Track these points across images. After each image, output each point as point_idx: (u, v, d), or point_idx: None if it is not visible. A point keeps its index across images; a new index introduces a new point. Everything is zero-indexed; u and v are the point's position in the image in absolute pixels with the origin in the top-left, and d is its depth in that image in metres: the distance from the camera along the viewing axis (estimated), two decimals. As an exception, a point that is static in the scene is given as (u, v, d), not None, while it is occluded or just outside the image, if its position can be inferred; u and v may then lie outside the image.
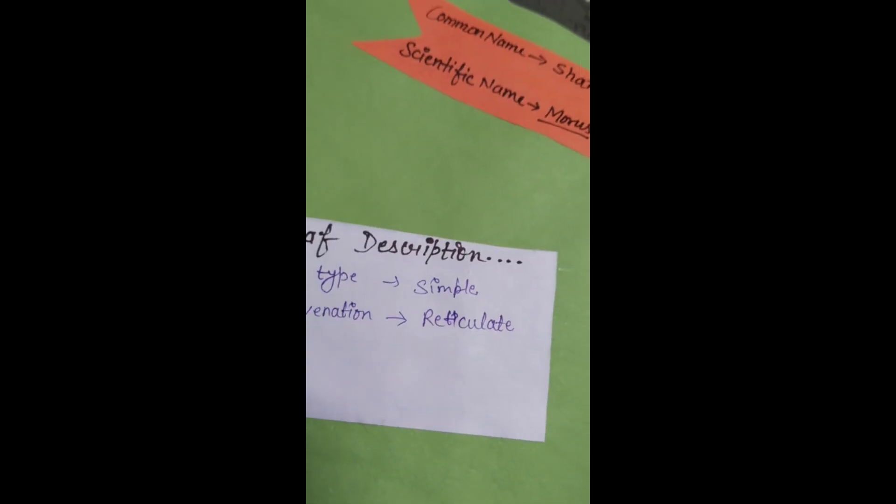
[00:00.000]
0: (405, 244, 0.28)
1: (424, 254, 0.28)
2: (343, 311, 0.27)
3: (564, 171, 0.29)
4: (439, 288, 0.27)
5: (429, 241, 0.28)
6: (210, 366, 0.18)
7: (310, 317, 0.27)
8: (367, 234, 0.28)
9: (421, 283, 0.27)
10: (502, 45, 0.31)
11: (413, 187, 0.28)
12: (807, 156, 0.18)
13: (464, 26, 0.31)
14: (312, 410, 0.26)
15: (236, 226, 0.18)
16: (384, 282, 0.27)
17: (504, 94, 0.30)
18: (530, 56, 0.31)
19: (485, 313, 0.27)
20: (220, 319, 0.18)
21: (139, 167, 0.18)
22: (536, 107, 0.30)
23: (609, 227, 0.18)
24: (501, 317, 0.27)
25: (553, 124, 0.30)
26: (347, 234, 0.27)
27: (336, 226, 0.27)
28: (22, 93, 0.18)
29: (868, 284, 0.17)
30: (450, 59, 0.30)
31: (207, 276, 0.18)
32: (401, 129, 0.29)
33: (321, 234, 0.27)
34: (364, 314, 0.27)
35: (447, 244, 0.28)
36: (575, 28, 0.33)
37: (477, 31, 0.31)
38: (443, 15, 0.31)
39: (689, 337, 0.18)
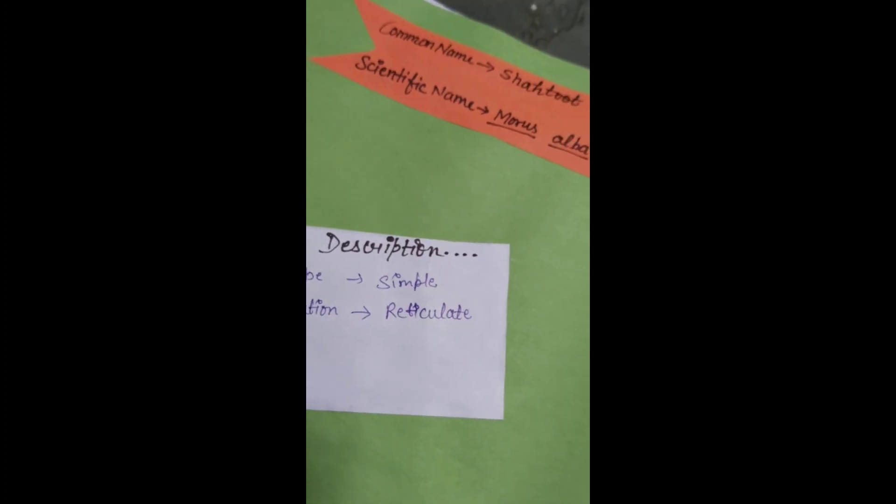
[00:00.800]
0: (367, 243, 0.30)
1: (385, 251, 0.30)
2: (311, 308, 0.29)
3: (514, 169, 0.31)
4: (400, 282, 0.30)
5: (389, 239, 0.30)
6: (212, 360, 0.18)
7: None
8: (331, 235, 0.30)
9: (383, 279, 0.30)
10: (452, 55, 0.33)
11: (373, 190, 0.31)
12: (802, 164, 0.18)
13: (415, 39, 0.34)
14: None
15: (239, 226, 0.19)
16: (348, 279, 0.30)
17: (455, 101, 0.32)
18: (478, 64, 0.33)
19: (444, 304, 0.30)
20: (216, 315, 0.18)
21: (134, 163, 0.18)
22: (486, 110, 0.32)
23: (608, 232, 0.19)
24: (460, 306, 0.29)
25: (502, 126, 0.32)
26: (313, 237, 0.30)
27: (300, 228, 0.29)
28: (22, 93, 0.18)
29: (867, 284, 0.18)
30: (402, 69, 0.33)
31: (211, 273, 0.19)
32: (359, 137, 0.31)
33: (287, 236, 0.29)
34: (330, 310, 0.29)
35: (407, 241, 0.30)
36: (522, 36, 0.36)
37: (427, 43, 0.34)
38: (395, 29, 0.34)
39: (687, 337, 0.18)
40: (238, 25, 0.19)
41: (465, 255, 0.30)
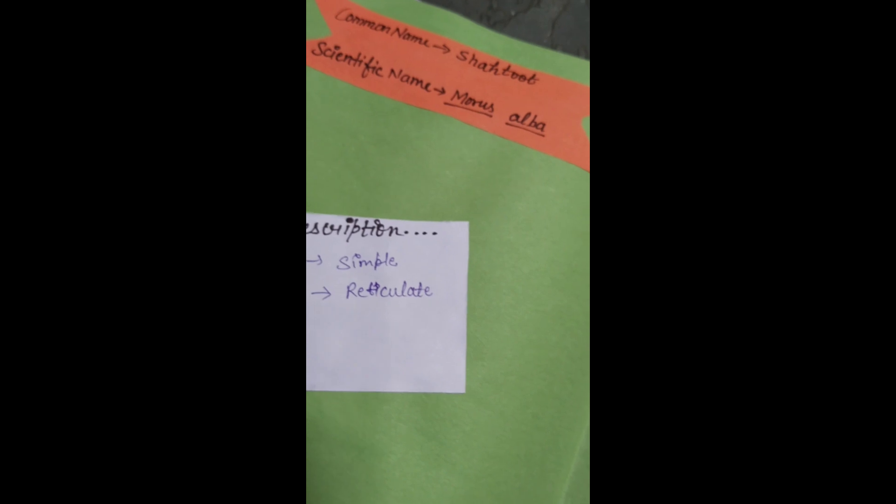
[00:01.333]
0: (326, 225, 0.30)
1: (345, 233, 0.30)
2: (272, 290, 0.29)
3: (471, 147, 0.32)
4: (360, 262, 0.30)
5: (349, 220, 0.31)
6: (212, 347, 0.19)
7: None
8: (290, 218, 0.30)
9: (343, 260, 0.30)
10: (408, 38, 0.34)
11: (331, 173, 0.31)
12: (801, 154, 0.19)
13: (371, 24, 0.34)
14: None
15: (237, 218, 0.19)
16: (308, 261, 0.30)
17: (412, 83, 0.33)
18: (434, 46, 0.34)
19: (405, 282, 0.30)
20: (213, 303, 0.19)
21: (128, 156, 0.19)
22: (442, 91, 0.33)
23: (609, 228, 0.20)
24: (420, 283, 0.30)
25: (459, 106, 0.33)
26: (272, 220, 0.30)
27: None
28: (21, 93, 0.19)
29: (866, 284, 0.18)
30: (359, 54, 0.33)
31: (211, 263, 0.19)
32: (317, 121, 0.32)
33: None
34: (291, 292, 0.30)
35: (366, 222, 0.31)
36: (480, 19, 0.37)
37: (383, 28, 0.34)
38: (350, 15, 0.34)
39: (688, 333, 0.19)
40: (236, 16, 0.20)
41: (424, 233, 0.31)
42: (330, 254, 0.30)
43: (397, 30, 0.34)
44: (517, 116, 0.33)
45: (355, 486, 0.27)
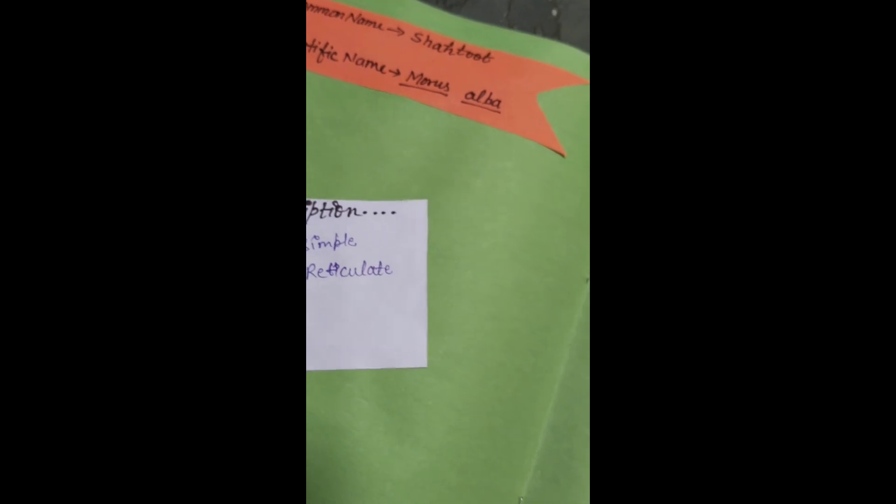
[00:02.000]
0: (284, 208, 0.31)
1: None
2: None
3: (428, 127, 0.32)
4: (319, 244, 0.31)
5: (307, 203, 0.31)
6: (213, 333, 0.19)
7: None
8: (248, 203, 0.31)
9: (302, 242, 0.30)
10: (362, 23, 0.35)
11: (289, 157, 0.32)
12: (800, 149, 0.19)
13: (325, 11, 0.35)
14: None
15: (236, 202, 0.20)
16: (268, 244, 0.30)
17: (366, 65, 0.34)
18: (389, 29, 0.35)
19: (364, 261, 0.30)
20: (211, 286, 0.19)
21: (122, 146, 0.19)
22: (397, 73, 0.33)
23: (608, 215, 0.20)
24: (380, 262, 0.30)
25: (414, 87, 0.33)
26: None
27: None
28: (21, 92, 0.19)
29: (866, 284, 0.18)
30: (313, 40, 0.34)
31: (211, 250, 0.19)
32: (274, 108, 0.32)
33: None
34: (251, 275, 0.30)
35: (324, 204, 0.31)
36: (435, 2, 0.37)
37: (337, 14, 0.35)
38: (305, 4, 0.35)
39: (687, 331, 0.19)
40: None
41: (383, 213, 0.31)
42: (289, 236, 0.31)
43: (351, 15, 0.35)
44: (473, 94, 0.33)
45: (318, 464, 0.28)
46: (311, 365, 0.29)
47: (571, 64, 0.34)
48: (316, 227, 0.31)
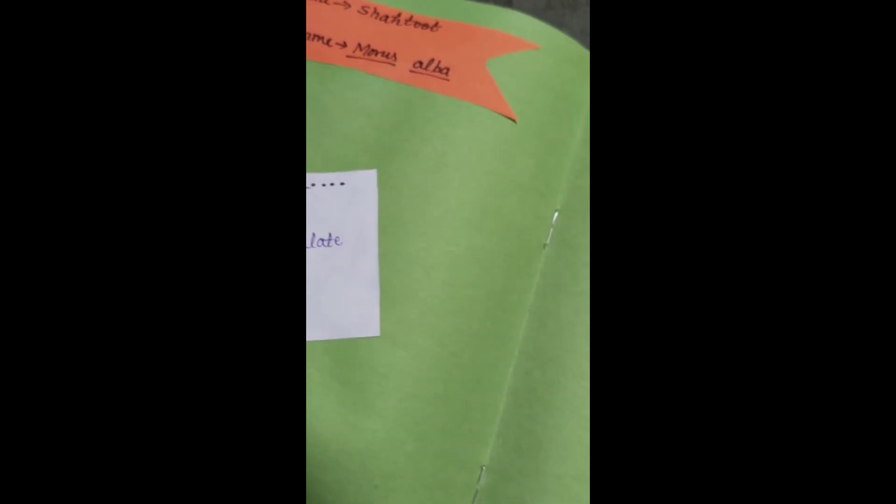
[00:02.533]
0: (232, 184, 0.31)
1: (252, 190, 0.31)
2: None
3: (375, 97, 0.32)
4: (269, 218, 0.30)
5: (255, 178, 0.31)
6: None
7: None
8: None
9: (251, 217, 0.30)
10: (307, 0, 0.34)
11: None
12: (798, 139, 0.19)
13: (270, -14, 0.35)
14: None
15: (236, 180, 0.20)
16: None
17: (313, 39, 0.33)
18: (335, 3, 0.34)
19: (314, 234, 0.30)
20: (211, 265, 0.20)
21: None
22: (344, 45, 0.33)
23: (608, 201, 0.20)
24: (330, 234, 0.30)
25: (361, 58, 0.33)
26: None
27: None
28: (20, 92, 0.19)
29: (866, 284, 0.18)
30: (259, 16, 0.34)
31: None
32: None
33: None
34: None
35: (273, 178, 0.31)
36: (384, -22, 0.37)
37: (282, -11, 0.35)
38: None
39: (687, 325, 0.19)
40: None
41: (332, 184, 0.31)
42: (237, 212, 0.30)
43: (297, -10, 0.35)
44: (421, 63, 0.33)
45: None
46: (261, 338, 0.29)
47: (522, 30, 0.34)
48: (264, 201, 0.31)
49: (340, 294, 0.30)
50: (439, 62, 0.33)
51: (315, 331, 0.29)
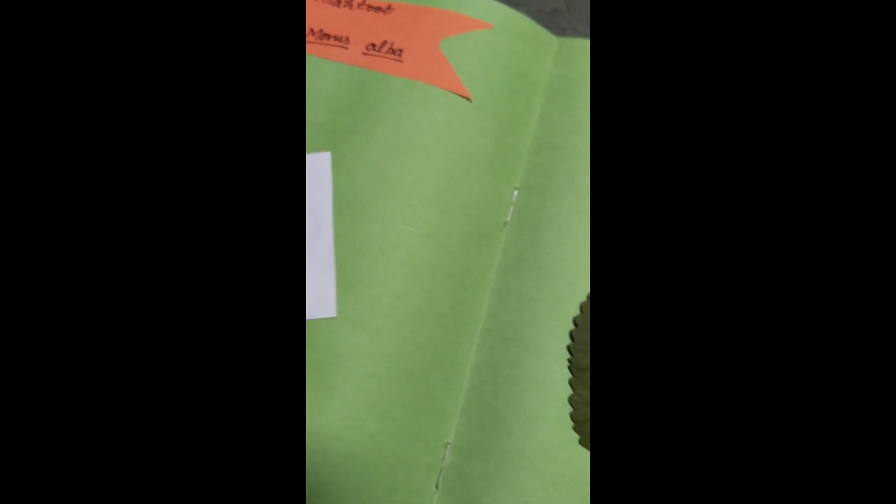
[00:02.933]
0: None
1: (207, 177, 0.31)
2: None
3: (329, 80, 0.32)
4: (224, 204, 0.30)
5: (209, 165, 0.31)
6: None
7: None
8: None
9: (206, 203, 0.30)
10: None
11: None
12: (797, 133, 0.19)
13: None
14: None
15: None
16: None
17: (265, 26, 0.33)
18: (287, -11, 0.34)
19: (270, 218, 0.30)
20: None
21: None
22: (297, 31, 0.33)
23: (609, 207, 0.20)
24: (286, 217, 0.30)
25: (314, 42, 0.33)
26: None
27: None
28: (20, 92, 0.19)
29: (866, 284, 0.18)
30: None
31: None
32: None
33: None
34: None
35: (227, 165, 0.31)
36: (337, -36, 0.37)
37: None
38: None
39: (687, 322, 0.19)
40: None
41: (287, 168, 0.31)
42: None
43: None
44: (374, 46, 0.33)
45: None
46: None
47: (474, 9, 0.34)
48: (219, 187, 0.31)
49: (297, 277, 0.30)
50: (392, 44, 0.33)
51: (272, 314, 0.29)
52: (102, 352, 0.19)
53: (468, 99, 0.32)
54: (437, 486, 0.29)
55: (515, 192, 0.33)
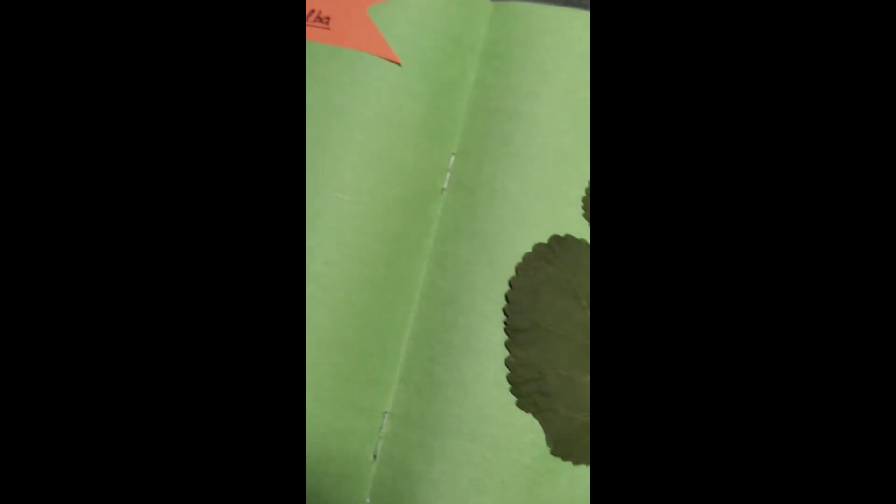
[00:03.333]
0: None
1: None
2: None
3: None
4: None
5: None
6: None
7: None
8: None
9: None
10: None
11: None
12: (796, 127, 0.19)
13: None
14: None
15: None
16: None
17: None
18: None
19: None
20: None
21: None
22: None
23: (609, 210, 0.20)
24: (212, 190, 0.30)
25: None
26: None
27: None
28: (21, 92, 0.19)
29: (866, 284, 0.18)
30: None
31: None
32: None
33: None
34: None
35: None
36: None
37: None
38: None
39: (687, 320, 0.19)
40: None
41: (213, 141, 0.30)
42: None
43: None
44: (300, 15, 0.32)
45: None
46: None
47: (404, -26, 0.34)
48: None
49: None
50: (319, 12, 0.33)
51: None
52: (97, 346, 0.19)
53: (398, 63, 0.32)
54: (374, 456, 0.29)
55: (452, 158, 0.32)
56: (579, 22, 0.31)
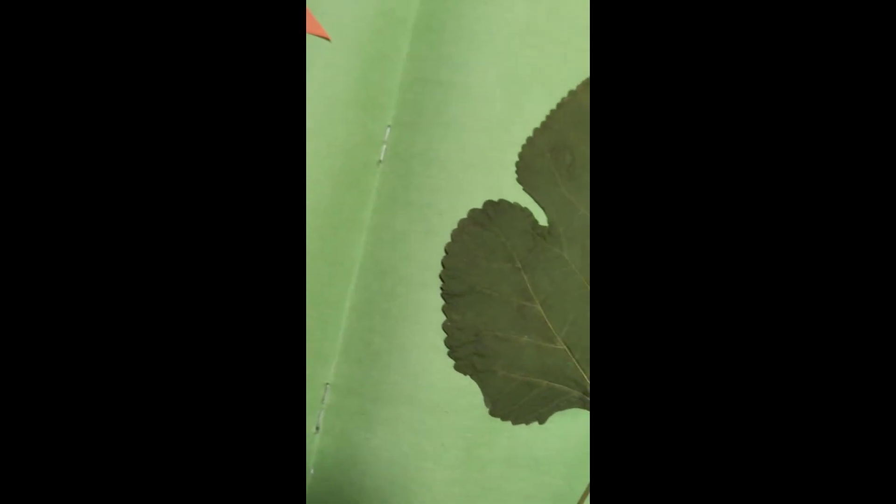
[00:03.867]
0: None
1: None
2: None
3: None
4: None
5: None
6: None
7: None
8: None
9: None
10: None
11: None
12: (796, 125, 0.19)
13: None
14: None
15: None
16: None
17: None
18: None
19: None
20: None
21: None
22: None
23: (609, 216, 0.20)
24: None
25: None
26: None
27: None
28: (21, 92, 0.19)
29: (866, 285, 0.18)
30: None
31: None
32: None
33: None
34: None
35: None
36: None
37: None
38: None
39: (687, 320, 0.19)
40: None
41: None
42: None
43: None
44: None
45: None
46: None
47: (333, -50, 0.34)
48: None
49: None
50: (247, -10, 0.33)
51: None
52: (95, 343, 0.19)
53: (327, 39, 0.32)
54: (317, 428, 0.29)
55: (388, 130, 0.33)
56: (506, -11, 0.32)
